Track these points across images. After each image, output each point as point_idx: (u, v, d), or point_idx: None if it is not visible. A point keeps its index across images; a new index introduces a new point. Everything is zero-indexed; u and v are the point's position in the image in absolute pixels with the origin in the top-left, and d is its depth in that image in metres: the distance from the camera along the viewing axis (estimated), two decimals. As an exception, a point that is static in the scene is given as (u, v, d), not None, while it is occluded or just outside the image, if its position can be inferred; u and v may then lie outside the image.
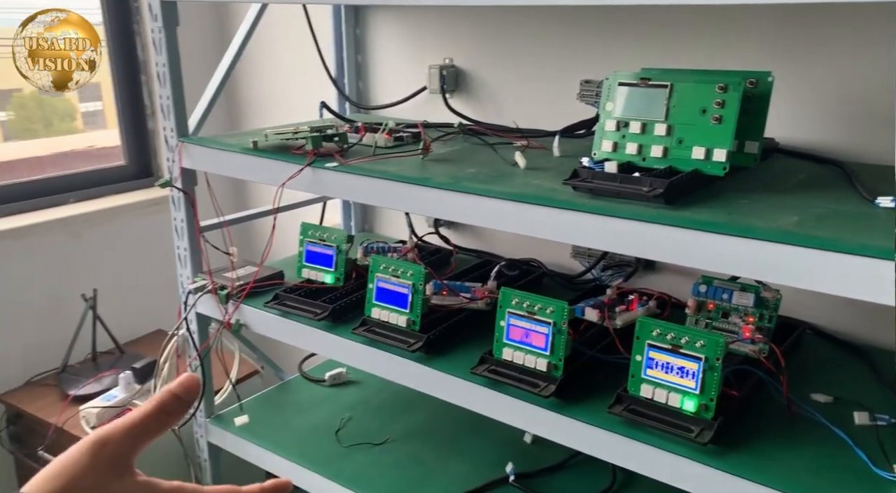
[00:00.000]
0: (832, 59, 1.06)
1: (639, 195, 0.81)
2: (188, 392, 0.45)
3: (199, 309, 1.34)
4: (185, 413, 0.46)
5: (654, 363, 0.86)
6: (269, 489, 0.48)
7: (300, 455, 1.30)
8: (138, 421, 0.43)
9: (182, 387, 0.45)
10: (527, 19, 1.36)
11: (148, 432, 0.43)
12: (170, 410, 0.44)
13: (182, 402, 0.45)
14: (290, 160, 1.10)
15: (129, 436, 0.42)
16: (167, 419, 0.44)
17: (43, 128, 1.98)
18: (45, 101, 1.97)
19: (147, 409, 0.44)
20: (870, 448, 0.79)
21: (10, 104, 1.90)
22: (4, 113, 1.90)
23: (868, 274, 0.64)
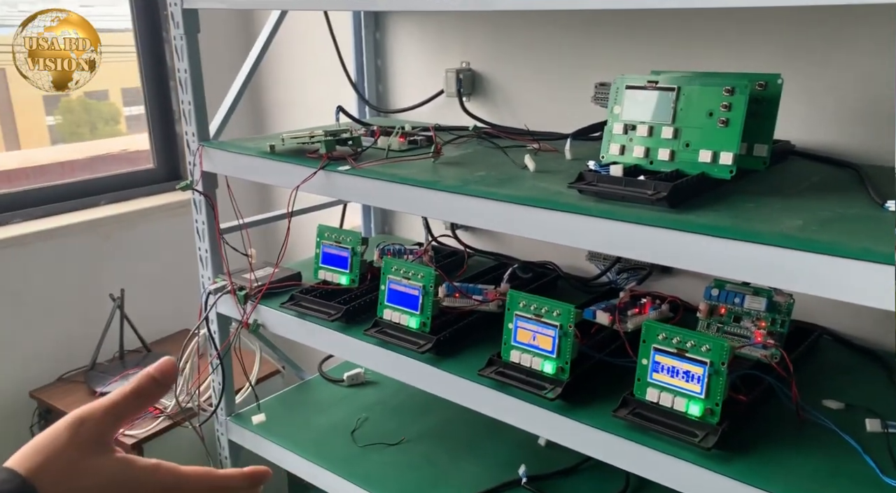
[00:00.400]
0: (850, 61, 1.04)
1: (643, 199, 0.81)
2: (165, 376, 0.47)
3: (219, 309, 1.37)
4: (161, 396, 0.48)
5: (660, 367, 0.86)
6: (248, 474, 0.49)
7: (316, 454, 1.32)
8: (116, 402, 0.45)
9: (159, 371, 0.47)
10: (542, 23, 1.36)
11: (125, 412, 0.46)
12: (147, 392, 0.47)
13: (159, 385, 0.47)
14: (305, 164, 1.12)
15: (107, 415, 0.45)
16: (144, 400, 0.47)
17: (89, 132, 2.06)
18: (91, 105, 2.04)
19: (125, 390, 0.46)
20: (880, 456, 0.78)
21: (57, 109, 1.98)
22: (52, 117, 1.98)
23: (867, 279, 0.63)
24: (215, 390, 1.44)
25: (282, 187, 1.16)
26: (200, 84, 1.27)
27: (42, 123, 2.00)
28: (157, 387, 0.47)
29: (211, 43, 1.88)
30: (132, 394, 0.46)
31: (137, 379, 0.47)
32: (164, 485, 0.46)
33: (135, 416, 0.47)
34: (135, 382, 0.47)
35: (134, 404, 0.46)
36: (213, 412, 1.43)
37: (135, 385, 0.46)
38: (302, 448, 1.34)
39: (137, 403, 0.46)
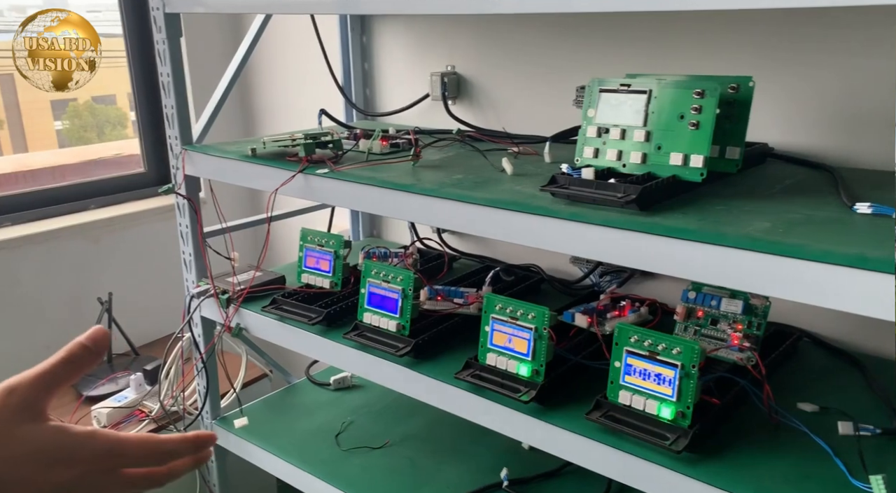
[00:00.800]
0: (826, 63, 1.04)
1: (613, 202, 0.81)
2: (96, 343, 0.48)
3: (203, 313, 1.37)
4: (94, 364, 0.48)
5: (633, 370, 0.86)
6: (191, 438, 0.49)
7: (299, 458, 1.32)
8: (47, 370, 0.46)
9: (90, 338, 0.47)
10: (526, 27, 1.36)
11: (57, 380, 0.46)
12: (78, 359, 0.47)
13: (90, 352, 0.47)
14: (285, 167, 1.13)
15: (37, 383, 0.45)
16: (75, 368, 0.47)
17: (96, 136, 2.07)
18: (98, 109, 2.06)
19: (56, 358, 0.46)
20: (850, 458, 0.78)
21: (65, 113, 2.00)
22: (60, 122, 2.00)
23: (828, 281, 0.63)
24: (200, 394, 1.45)
25: (263, 191, 1.16)
26: (183, 88, 1.28)
27: (50, 127, 2.02)
28: (89, 355, 0.47)
29: (202, 47, 1.90)
30: (63, 361, 0.46)
31: (68, 347, 0.47)
32: (100, 451, 0.46)
33: (66, 384, 0.47)
34: (65, 349, 0.47)
35: (65, 371, 0.46)
36: (197, 415, 1.43)
37: (66, 353, 0.47)
38: (285, 452, 1.34)
39: (68, 370, 0.47)
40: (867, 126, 1.02)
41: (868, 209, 0.75)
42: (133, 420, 1.52)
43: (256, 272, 1.31)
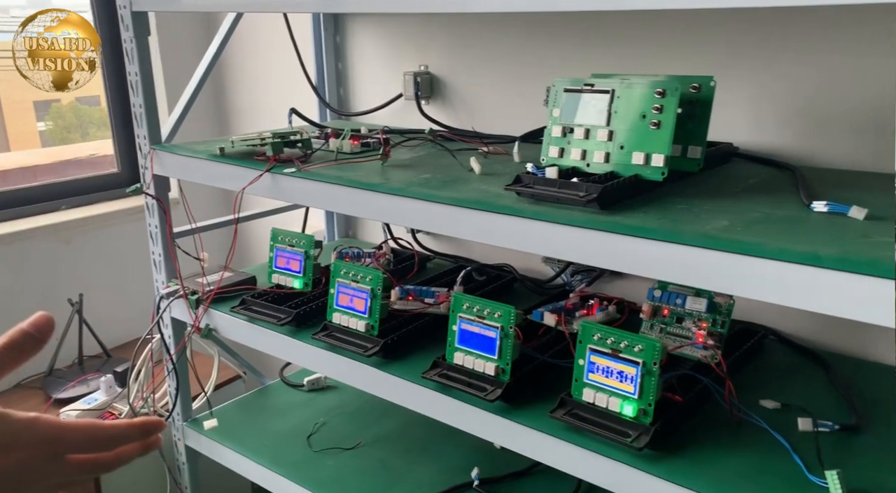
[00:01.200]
0: (791, 64, 1.05)
1: (575, 200, 0.82)
2: (39, 330, 0.47)
3: (173, 314, 1.36)
4: (37, 350, 0.47)
5: (596, 368, 0.86)
6: (138, 424, 0.49)
7: (270, 459, 1.31)
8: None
9: (33, 325, 0.47)
10: (497, 27, 1.37)
11: None
12: (20, 346, 0.46)
13: (33, 338, 0.47)
14: (253, 166, 1.12)
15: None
16: (18, 355, 0.46)
17: (80, 136, 2.05)
18: (82, 110, 2.04)
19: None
20: (808, 454, 0.78)
21: (48, 114, 1.97)
22: (44, 123, 1.97)
23: (780, 278, 0.63)
24: (171, 396, 1.43)
25: (231, 190, 1.15)
26: (151, 87, 1.27)
27: (33, 128, 1.99)
28: (32, 341, 0.47)
29: (175, 46, 1.89)
30: (4, 348, 0.46)
31: (9, 333, 0.47)
32: (43, 437, 0.45)
33: (8, 370, 0.46)
34: (7, 336, 0.47)
35: (7, 357, 0.46)
36: (167, 417, 1.42)
37: (7, 339, 0.46)
38: (256, 453, 1.33)
39: (10, 358, 0.46)
40: (830, 126, 1.04)
41: (824, 208, 0.76)
42: (103, 423, 1.50)
43: (226, 273, 1.30)
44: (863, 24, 0.98)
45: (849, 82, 1.01)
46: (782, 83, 1.06)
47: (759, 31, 1.07)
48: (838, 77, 1.01)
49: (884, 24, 0.96)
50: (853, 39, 0.99)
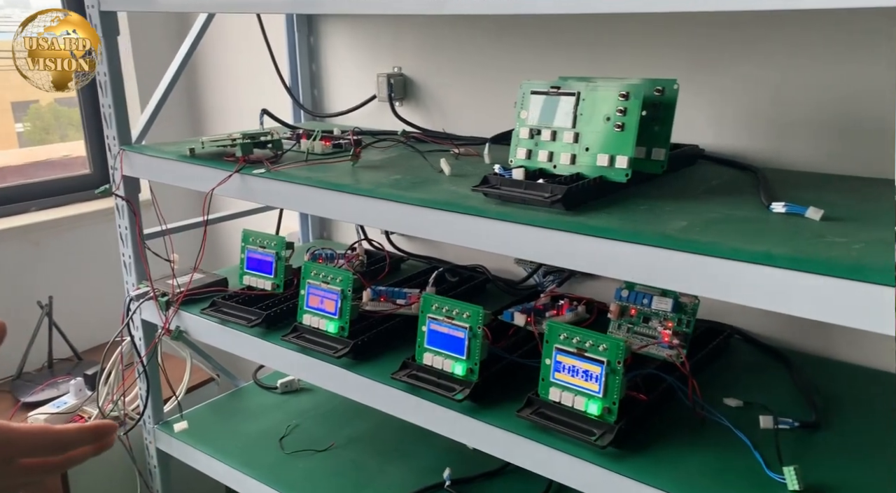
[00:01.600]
0: (755, 68, 1.07)
1: (540, 201, 0.82)
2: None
3: (143, 316, 1.35)
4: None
5: (562, 367, 0.87)
6: (90, 428, 0.50)
7: (242, 462, 1.31)
8: None
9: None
10: (469, 29, 1.37)
11: None
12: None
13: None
14: (223, 167, 1.12)
15: None
16: None
17: (59, 138, 2.03)
18: (61, 112, 2.01)
19: None
20: (768, 451, 0.80)
21: (27, 115, 1.95)
22: (21, 124, 1.94)
23: (734, 277, 0.65)
24: (141, 398, 1.42)
25: (201, 191, 1.15)
26: (121, 87, 1.26)
27: (11, 129, 1.97)
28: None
29: (147, 46, 1.87)
30: None
31: None
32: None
33: None
34: None
35: None
36: (138, 420, 1.41)
37: None
38: (228, 456, 1.33)
39: None
40: (792, 129, 1.06)
41: (783, 209, 0.78)
42: (72, 426, 1.48)
43: (196, 274, 1.29)
44: (822, 30, 1.00)
45: (809, 86, 1.03)
46: (744, 86, 1.08)
47: (722, 35, 1.09)
48: (798, 81, 1.03)
49: (842, 29, 0.98)
50: (812, 44, 1.01)
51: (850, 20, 0.98)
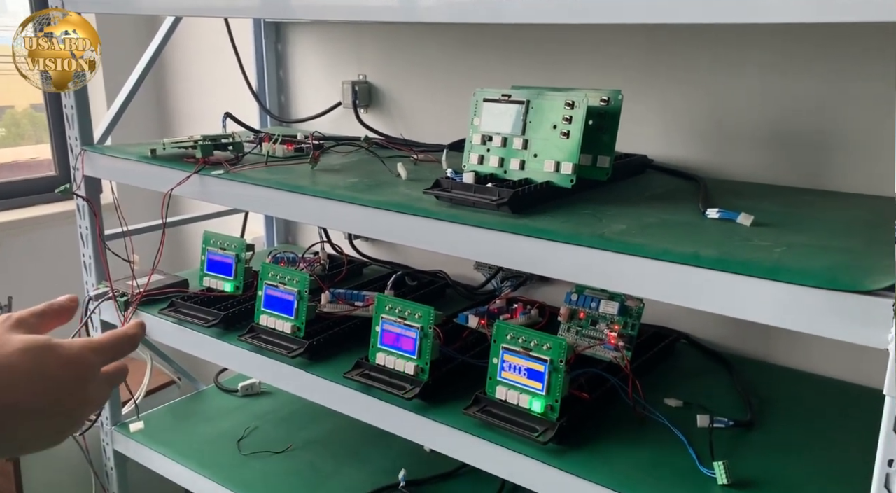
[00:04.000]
0: (699, 80, 1.11)
1: (488, 204, 0.85)
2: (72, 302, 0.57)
3: (102, 316, 1.35)
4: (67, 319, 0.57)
5: (509, 366, 0.89)
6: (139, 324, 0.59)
7: (198, 462, 1.31)
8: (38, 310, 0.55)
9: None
10: (430, 38, 1.41)
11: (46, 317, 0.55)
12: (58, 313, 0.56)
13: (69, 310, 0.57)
14: (183, 168, 1.13)
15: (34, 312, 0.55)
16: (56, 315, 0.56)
17: (35, 143, 2.01)
18: (37, 118, 1.99)
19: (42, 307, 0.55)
20: (702, 448, 0.83)
21: (1, 120, 1.93)
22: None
23: (663, 277, 0.68)
24: (99, 400, 1.41)
25: (160, 191, 1.16)
26: (84, 88, 1.26)
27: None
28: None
29: (116, 48, 1.87)
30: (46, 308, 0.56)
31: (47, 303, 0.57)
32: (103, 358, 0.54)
33: None
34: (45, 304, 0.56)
35: None
36: (94, 420, 1.40)
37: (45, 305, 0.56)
38: (184, 457, 1.33)
39: None
40: (737, 141, 1.10)
41: (717, 214, 0.81)
42: (27, 428, 1.47)
43: (156, 275, 1.29)
44: (763, 45, 1.05)
45: (751, 99, 1.07)
46: (690, 99, 1.12)
47: (668, 49, 1.13)
48: (741, 94, 1.08)
49: (783, 45, 1.03)
50: (754, 58, 1.06)
51: (789, 37, 1.03)
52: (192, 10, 1.25)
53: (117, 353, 0.55)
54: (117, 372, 0.56)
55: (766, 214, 0.83)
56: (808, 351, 1.07)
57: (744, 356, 1.12)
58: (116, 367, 0.56)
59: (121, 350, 0.56)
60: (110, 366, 0.54)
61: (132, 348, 0.57)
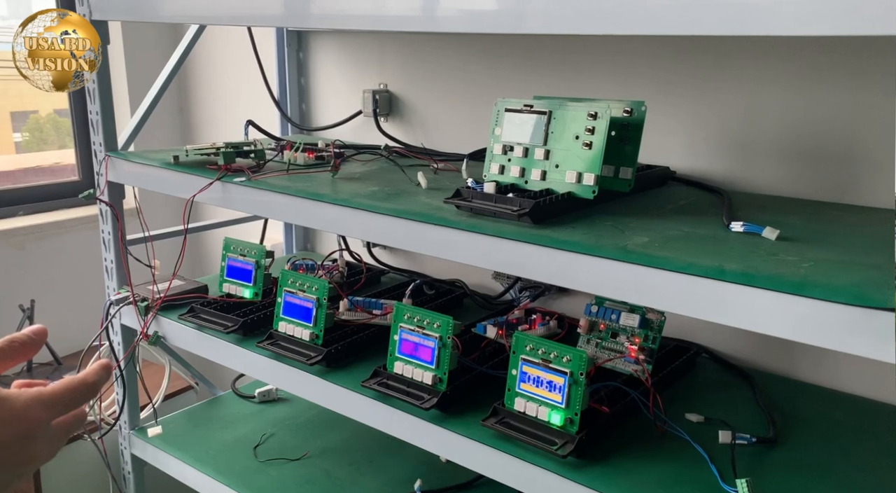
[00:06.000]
0: (722, 94, 1.10)
1: (509, 214, 0.85)
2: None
3: (123, 321, 1.36)
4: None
5: (528, 377, 0.89)
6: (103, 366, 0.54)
7: (214, 468, 1.31)
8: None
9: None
10: (453, 48, 1.41)
11: None
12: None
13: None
14: (205, 175, 1.14)
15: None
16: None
17: (57, 148, 2.05)
18: (60, 123, 2.03)
19: None
20: (724, 465, 0.82)
21: (25, 125, 1.97)
22: (20, 134, 1.96)
23: (687, 290, 0.67)
24: (118, 403, 1.43)
25: (182, 197, 1.16)
26: (108, 94, 1.28)
27: (9, 139, 1.99)
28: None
29: (141, 55, 1.90)
30: None
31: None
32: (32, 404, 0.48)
33: None
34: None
35: None
36: (113, 424, 1.41)
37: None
38: (201, 462, 1.33)
39: None
40: (763, 153, 1.09)
41: (741, 228, 0.80)
42: (47, 430, 1.48)
43: (176, 281, 1.30)
44: (790, 58, 1.04)
45: (777, 112, 1.06)
46: (715, 111, 1.11)
47: (692, 60, 1.12)
48: (767, 107, 1.07)
49: (810, 58, 1.02)
50: (781, 71, 1.05)
51: (816, 49, 1.01)
52: (216, 18, 1.27)
53: (71, 404, 0.50)
54: (73, 422, 0.51)
55: (792, 229, 0.81)
56: (834, 368, 1.05)
57: (766, 371, 1.11)
58: (73, 416, 0.51)
59: (76, 401, 0.50)
60: (64, 417, 0.50)
61: (92, 396, 0.52)
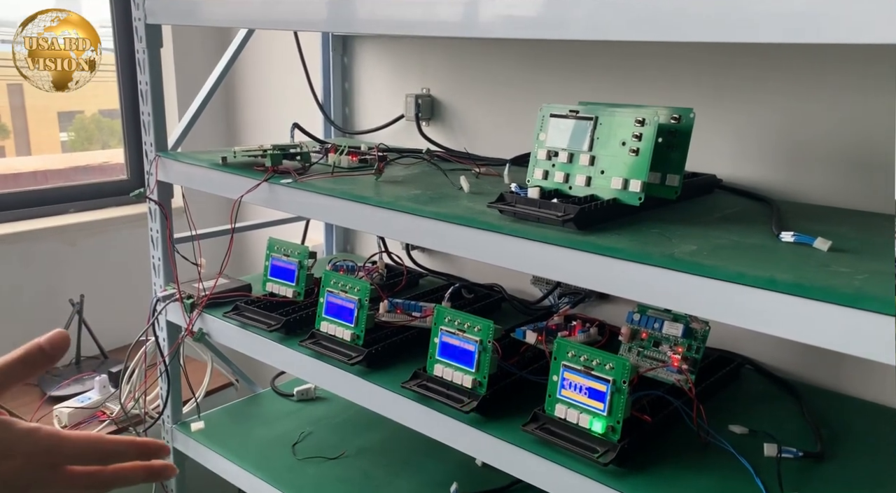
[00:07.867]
0: (772, 101, 1.08)
1: (553, 220, 0.85)
2: (53, 346, 0.48)
3: (168, 317, 1.40)
4: (48, 366, 0.49)
5: (569, 384, 0.89)
6: (140, 444, 0.51)
7: (253, 464, 1.33)
8: (2, 368, 0.47)
9: (49, 341, 0.49)
10: (496, 53, 1.41)
11: (10, 378, 0.47)
12: (34, 361, 0.48)
13: (46, 355, 0.48)
14: (253, 176, 1.16)
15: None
16: (30, 369, 0.48)
17: (101, 148, 2.12)
18: (103, 122, 2.10)
19: (12, 357, 0.48)
20: (769, 478, 0.80)
21: (71, 125, 2.04)
22: (66, 133, 2.03)
23: (736, 301, 0.66)
24: (162, 398, 1.46)
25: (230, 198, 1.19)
26: (160, 96, 1.32)
27: (56, 138, 2.06)
28: (44, 357, 0.48)
29: (190, 58, 1.95)
30: (18, 361, 0.48)
31: (26, 347, 0.48)
32: (41, 446, 0.47)
33: (18, 382, 0.48)
34: (23, 349, 0.48)
35: (19, 370, 0.48)
36: (157, 418, 1.45)
37: (22, 353, 0.48)
38: (241, 458, 1.36)
39: (23, 370, 0.48)
40: (809, 162, 1.07)
41: (791, 238, 0.79)
42: (94, 421, 1.53)
43: (221, 279, 1.33)
44: (837, 66, 1.02)
45: (826, 120, 1.04)
46: (763, 119, 1.10)
47: (742, 67, 1.11)
48: (816, 115, 1.05)
49: (860, 66, 1.00)
50: (830, 79, 1.03)
51: (866, 57, 0.99)
52: (264, 23, 1.29)
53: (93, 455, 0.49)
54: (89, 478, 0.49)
55: (843, 240, 0.80)
56: (882, 382, 1.02)
57: (812, 384, 1.08)
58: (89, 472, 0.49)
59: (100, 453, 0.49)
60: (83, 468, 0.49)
61: None
